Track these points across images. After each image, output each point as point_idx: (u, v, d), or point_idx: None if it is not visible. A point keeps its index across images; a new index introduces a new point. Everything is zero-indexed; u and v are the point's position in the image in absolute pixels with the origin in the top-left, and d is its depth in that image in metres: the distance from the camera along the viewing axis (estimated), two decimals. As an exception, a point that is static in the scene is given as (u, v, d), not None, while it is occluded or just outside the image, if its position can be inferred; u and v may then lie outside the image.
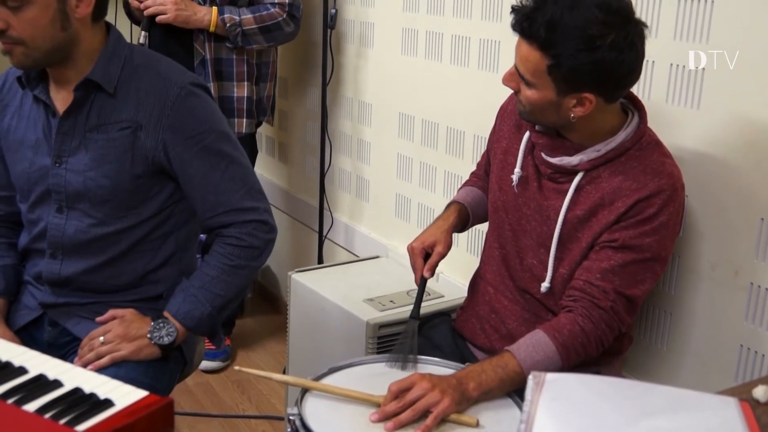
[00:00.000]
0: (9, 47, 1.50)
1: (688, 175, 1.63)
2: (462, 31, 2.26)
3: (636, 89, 1.75)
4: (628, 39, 1.40)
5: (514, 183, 1.64)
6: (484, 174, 1.87)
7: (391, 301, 2.17)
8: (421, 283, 1.71)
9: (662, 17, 1.69)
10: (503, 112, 1.76)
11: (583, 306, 1.49)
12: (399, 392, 1.38)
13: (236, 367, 1.54)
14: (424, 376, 1.40)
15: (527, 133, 1.63)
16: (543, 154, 1.59)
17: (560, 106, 1.47)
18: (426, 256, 1.71)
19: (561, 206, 1.56)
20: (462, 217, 1.81)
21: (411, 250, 1.73)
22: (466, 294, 1.85)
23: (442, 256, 1.72)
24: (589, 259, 1.53)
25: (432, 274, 1.71)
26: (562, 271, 1.58)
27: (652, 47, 1.70)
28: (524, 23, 1.42)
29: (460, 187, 1.92)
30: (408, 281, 2.29)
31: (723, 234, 1.64)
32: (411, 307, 2.11)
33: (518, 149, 1.65)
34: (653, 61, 1.72)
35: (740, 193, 1.59)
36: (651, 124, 1.57)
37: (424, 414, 1.35)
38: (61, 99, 1.60)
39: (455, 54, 2.30)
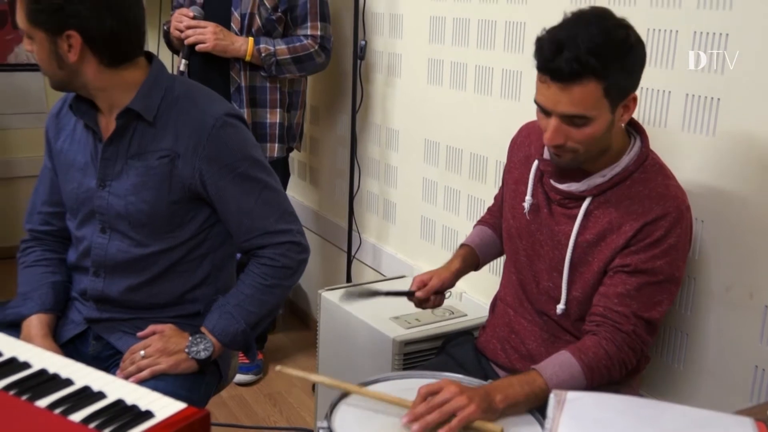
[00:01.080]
0: None
1: (703, 200, 1.62)
2: (485, 62, 2.27)
3: (653, 117, 1.76)
4: (634, 32, 1.43)
5: (526, 210, 1.65)
6: (498, 209, 1.87)
7: (417, 320, 2.17)
8: (407, 292, 1.77)
9: (678, 49, 1.69)
10: (513, 145, 1.77)
11: (606, 330, 1.49)
12: (428, 395, 1.37)
13: (278, 367, 1.53)
14: (454, 381, 1.41)
15: (536, 162, 1.64)
16: (552, 181, 1.60)
17: (613, 122, 1.46)
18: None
19: (571, 231, 1.56)
20: (468, 261, 1.82)
21: (413, 278, 1.78)
22: (487, 313, 1.85)
23: (434, 286, 1.76)
24: (604, 284, 1.53)
25: (423, 294, 1.76)
26: (576, 293, 1.58)
27: (668, 78, 1.71)
28: (573, 64, 1.37)
29: (475, 225, 1.93)
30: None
31: (738, 257, 1.62)
32: (436, 324, 2.13)
33: (528, 178, 1.65)
34: (670, 91, 1.72)
35: (755, 217, 1.58)
36: (668, 151, 1.57)
37: (451, 418, 1.34)
38: (106, 126, 1.63)
39: (479, 83, 2.31)
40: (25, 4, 1.49)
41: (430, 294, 1.77)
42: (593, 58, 1.36)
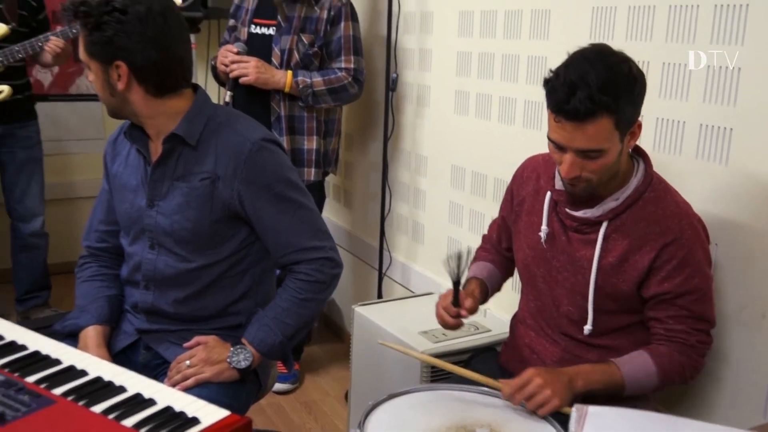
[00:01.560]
0: None
1: (717, 224, 1.60)
2: (509, 93, 2.27)
3: (668, 146, 1.74)
4: (634, 64, 1.44)
5: (543, 239, 1.63)
6: (497, 242, 1.86)
7: (444, 334, 2.16)
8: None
9: (692, 82, 1.68)
10: (518, 180, 1.75)
11: (675, 344, 1.51)
12: (518, 386, 1.46)
13: (379, 341, 1.57)
14: (539, 372, 1.46)
15: (548, 193, 1.63)
16: (566, 210, 1.58)
17: (622, 150, 1.46)
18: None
19: (592, 255, 1.54)
20: (483, 291, 1.80)
21: (442, 295, 1.74)
22: (509, 329, 1.83)
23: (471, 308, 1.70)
24: (653, 309, 1.53)
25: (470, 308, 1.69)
26: (607, 311, 1.56)
27: (683, 109, 1.69)
28: (587, 104, 1.36)
29: (472, 261, 1.90)
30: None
31: (750, 279, 1.59)
32: (462, 339, 2.12)
33: (542, 209, 1.64)
34: (684, 121, 1.70)
35: (766, 242, 1.55)
36: (682, 178, 1.56)
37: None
38: (155, 151, 1.66)
39: (503, 113, 2.31)
40: (83, 38, 1.54)
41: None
42: (605, 96, 1.37)
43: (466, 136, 2.50)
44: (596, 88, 1.36)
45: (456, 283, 1.64)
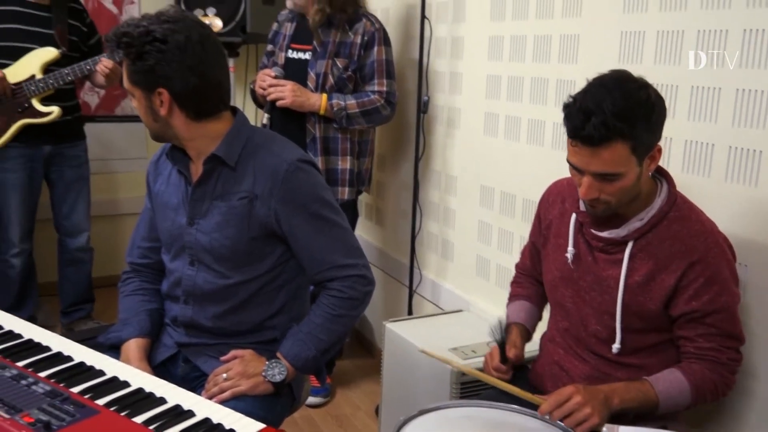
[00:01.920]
0: None
1: (746, 246, 1.58)
2: (537, 116, 2.27)
3: (698, 168, 1.72)
4: (653, 90, 1.42)
5: (569, 260, 1.62)
6: (531, 267, 1.85)
7: (473, 351, 2.14)
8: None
9: (722, 105, 1.66)
10: (546, 203, 1.75)
11: (707, 362, 1.49)
12: (558, 403, 1.44)
13: (420, 349, 1.57)
14: (578, 389, 1.44)
15: (573, 215, 1.62)
16: (592, 230, 1.57)
17: (641, 174, 1.45)
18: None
19: (618, 275, 1.52)
20: (524, 336, 1.78)
21: (489, 353, 1.73)
22: (538, 347, 1.81)
23: (518, 357, 1.71)
24: (682, 329, 1.50)
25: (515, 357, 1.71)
26: (635, 329, 1.54)
27: (713, 131, 1.67)
28: (601, 130, 1.36)
29: (511, 298, 1.88)
30: (488, 333, 2.26)
31: (781, 300, 1.56)
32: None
33: (568, 231, 1.63)
34: (713, 144, 1.68)
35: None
36: (711, 200, 1.54)
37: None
38: (196, 171, 1.68)
39: (531, 135, 2.30)
40: (126, 67, 1.57)
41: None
42: (620, 122, 1.36)
43: (496, 157, 2.49)
44: (611, 114, 1.36)
45: (501, 344, 1.69)
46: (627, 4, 1.90)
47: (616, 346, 1.55)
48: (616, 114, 1.36)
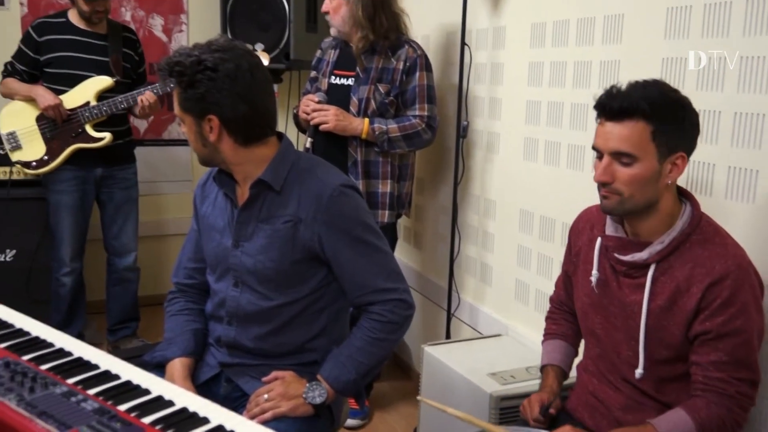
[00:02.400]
0: None
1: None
2: (578, 141, 2.25)
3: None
4: (689, 100, 1.46)
5: (593, 284, 1.60)
6: (566, 298, 1.82)
7: (512, 376, 2.11)
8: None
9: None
10: (575, 231, 1.74)
11: (712, 395, 1.42)
12: None
13: (418, 398, 1.55)
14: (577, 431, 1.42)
15: (599, 239, 1.60)
16: (615, 254, 1.55)
17: (660, 174, 1.44)
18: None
19: (642, 299, 1.50)
20: (560, 378, 1.76)
21: (528, 401, 1.71)
22: (576, 374, 1.78)
23: (557, 407, 1.69)
24: (696, 353, 1.46)
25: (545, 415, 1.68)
26: (659, 358, 1.51)
27: (756, 158, 1.64)
28: (624, 103, 1.41)
29: (544, 338, 1.86)
30: (527, 359, 2.24)
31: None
32: (530, 382, 2.06)
33: (593, 255, 1.62)
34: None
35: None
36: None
37: None
38: (242, 195, 1.70)
39: (571, 160, 2.28)
40: (178, 94, 1.60)
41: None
42: (644, 102, 1.40)
43: (535, 181, 2.48)
44: (640, 96, 1.41)
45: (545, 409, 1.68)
46: (668, 31, 1.88)
47: (639, 371, 1.52)
48: (645, 96, 1.41)
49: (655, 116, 1.40)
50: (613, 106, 1.42)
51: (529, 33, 2.47)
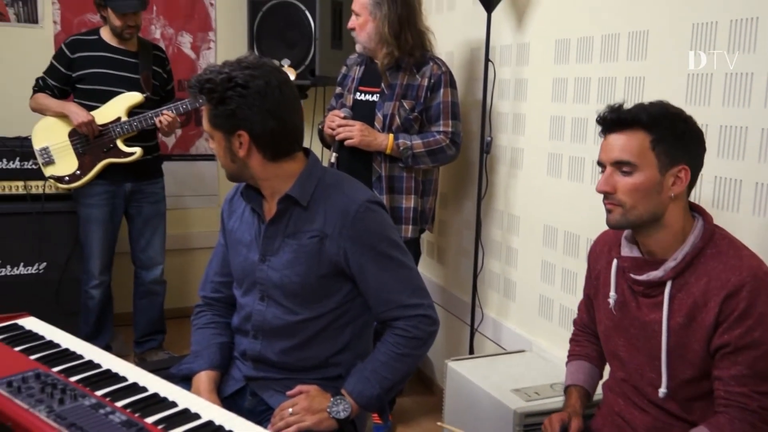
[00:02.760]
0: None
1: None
2: (602, 157, 2.23)
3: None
4: (694, 119, 1.48)
5: (611, 305, 1.58)
6: (589, 321, 1.80)
7: (536, 393, 2.09)
8: None
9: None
10: (594, 255, 1.73)
11: (734, 411, 1.39)
12: None
13: (439, 423, 1.54)
14: None
15: (615, 260, 1.59)
16: (631, 275, 1.54)
17: (662, 186, 1.45)
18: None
19: (661, 318, 1.48)
20: (584, 399, 1.74)
21: (549, 420, 1.68)
22: (601, 392, 1.75)
23: (579, 428, 1.66)
24: (717, 368, 1.43)
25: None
26: (684, 376, 1.48)
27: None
28: (623, 114, 1.46)
29: (568, 359, 1.84)
30: (552, 375, 2.21)
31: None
32: (554, 399, 2.04)
33: (610, 278, 1.61)
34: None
35: None
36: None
37: None
38: (269, 210, 1.71)
39: (595, 175, 2.26)
40: (208, 111, 1.61)
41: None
42: (643, 113, 1.44)
43: (559, 197, 2.46)
44: (640, 108, 1.45)
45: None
46: (694, 46, 1.87)
47: (662, 391, 1.50)
48: (644, 109, 1.45)
49: (654, 126, 1.44)
50: (613, 117, 1.47)
51: (553, 49, 2.47)
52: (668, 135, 1.44)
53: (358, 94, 2.80)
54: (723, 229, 1.51)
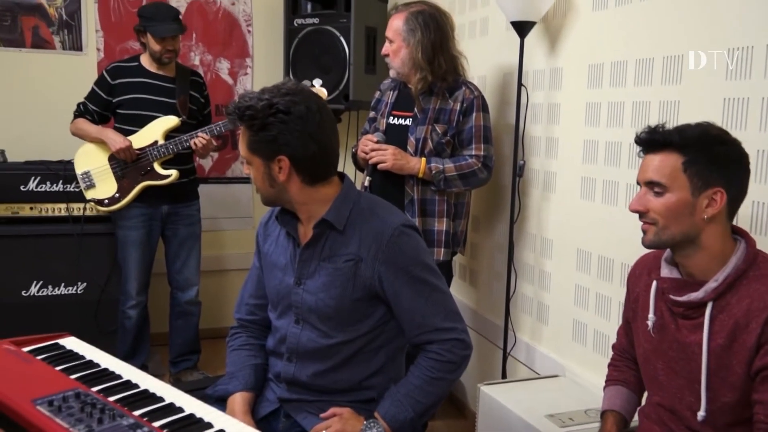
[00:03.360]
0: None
1: None
2: (635, 180, 2.19)
3: None
4: (741, 145, 1.45)
5: (650, 328, 1.55)
6: (629, 346, 1.76)
7: (570, 419, 2.05)
8: None
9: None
10: (633, 278, 1.70)
11: None
12: None
13: None
14: None
15: (655, 282, 1.57)
16: (671, 296, 1.51)
17: (694, 207, 1.43)
18: None
19: (701, 340, 1.45)
20: (620, 425, 1.70)
21: None
22: (637, 418, 1.72)
23: None
24: (758, 392, 1.39)
25: None
26: (724, 399, 1.44)
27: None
28: (657, 136, 1.46)
29: (605, 384, 1.80)
30: (586, 401, 2.18)
31: None
32: (589, 425, 2.00)
33: (649, 300, 1.58)
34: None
35: None
36: None
37: None
38: (304, 233, 1.72)
39: (629, 199, 2.23)
40: (247, 137, 1.62)
41: None
42: (678, 136, 1.43)
43: (593, 220, 2.43)
44: (676, 129, 1.44)
45: None
46: (729, 71, 1.84)
47: (701, 414, 1.46)
48: (680, 130, 1.44)
49: (688, 148, 1.43)
50: (647, 138, 1.48)
51: (586, 74, 2.46)
52: (702, 157, 1.42)
53: (391, 118, 2.82)
54: (766, 253, 1.48)
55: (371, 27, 3.75)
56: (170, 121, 3.22)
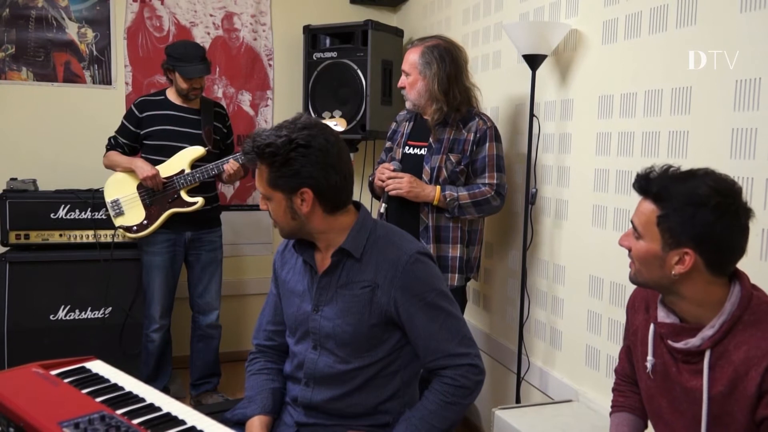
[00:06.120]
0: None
1: None
2: (647, 208, 2.19)
3: None
4: (732, 208, 1.32)
5: (648, 370, 1.51)
6: (631, 370, 1.72)
7: (584, 445, 2.02)
8: None
9: None
10: (632, 308, 1.65)
11: None
12: None
13: None
14: None
15: (652, 325, 1.51)
16: (669, 342, 1.46)
17: (664, 261, 1.37)
18: None
19: (701, 386, 1.40)
20: None
21: None
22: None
23: None
24: None
25: None
26: None
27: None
28: (642, 182, 1.41)
29: (611, 410, 1.75)
30: (599, 426, 2.14)
31: None
32: (603, 452, 1.96)
33: (647, 340, 1.53)
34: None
35: None
36: None
37: None
38: (321, 261, 1.72)
39: (641, 227, 2.22)
40: (266, 173, 1.60)
41: None
42: (659, 187, 1.36)
43: (605, 248, 2.41)
44: (661, 179, 1.37)
45: None
46: (738, 102, 1.84)
47: None
48: (667, 183, 1.36)
49: (665, 203, 1.35)
50: (635, 181, 1.43)
51: (596, 105, 2.46)
52: (676, 216, 1.34)
53: (407, 147, 2.83)
54: (762, 291, 1.42)
55: (387, 60, 3.79)
56: (197, 151, 3.26)
